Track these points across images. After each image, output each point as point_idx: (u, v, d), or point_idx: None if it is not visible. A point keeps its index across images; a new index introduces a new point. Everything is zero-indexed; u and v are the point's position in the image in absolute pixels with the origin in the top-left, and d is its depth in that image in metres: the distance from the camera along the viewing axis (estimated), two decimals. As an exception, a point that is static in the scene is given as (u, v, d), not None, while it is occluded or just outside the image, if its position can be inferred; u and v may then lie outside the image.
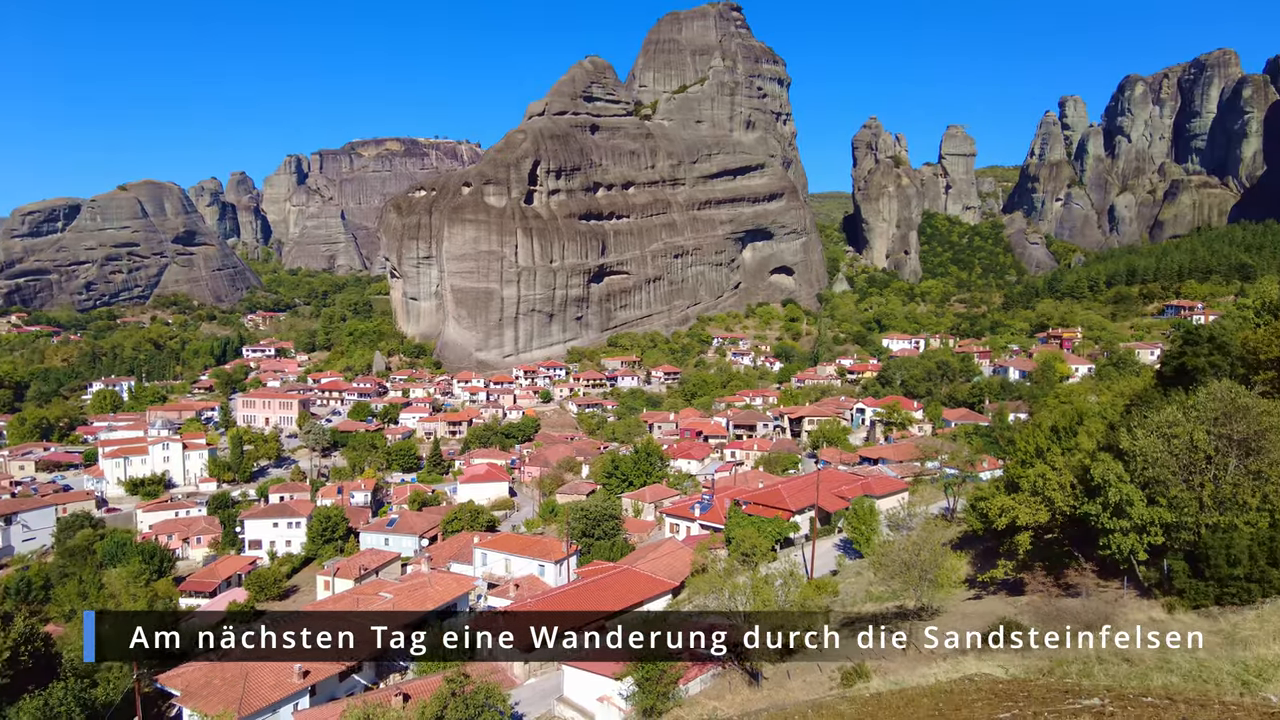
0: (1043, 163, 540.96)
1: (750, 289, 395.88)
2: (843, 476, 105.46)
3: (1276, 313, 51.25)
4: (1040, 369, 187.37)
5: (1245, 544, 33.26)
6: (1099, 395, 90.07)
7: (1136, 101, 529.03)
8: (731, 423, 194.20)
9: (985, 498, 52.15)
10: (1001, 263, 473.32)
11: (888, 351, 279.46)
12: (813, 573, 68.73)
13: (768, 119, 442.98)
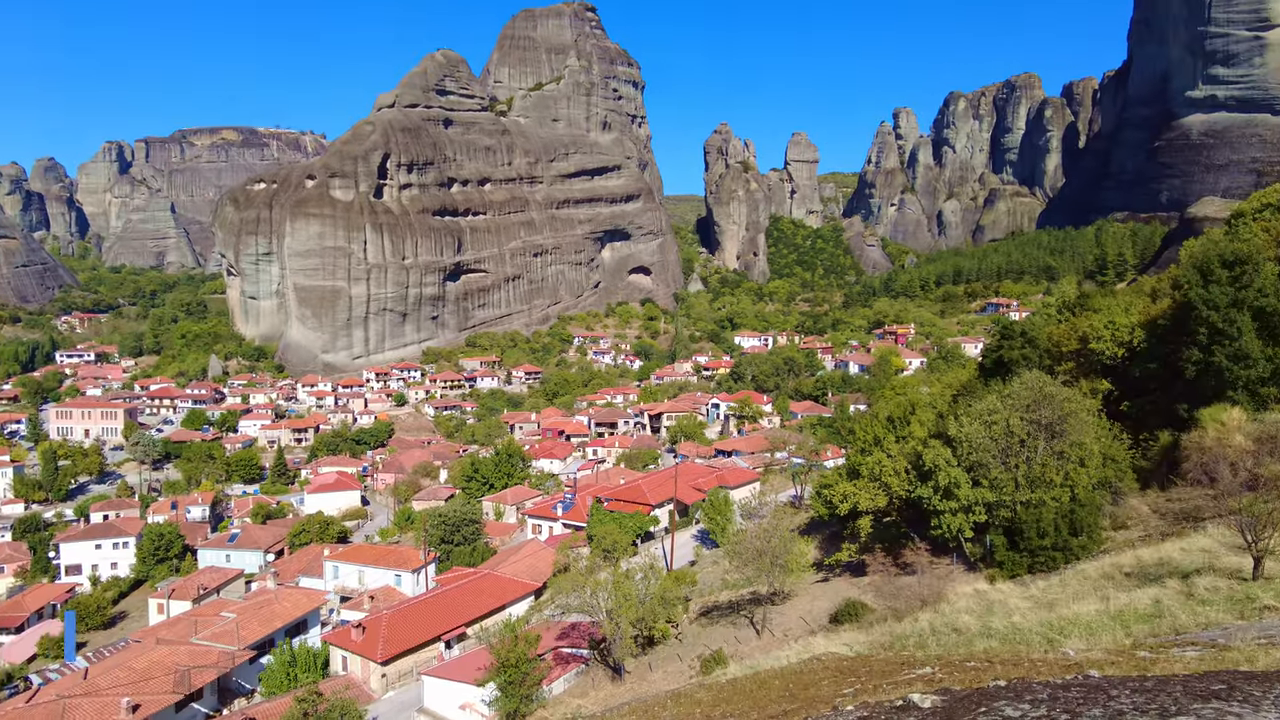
0: (879, 170, 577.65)
1: (610, 288, 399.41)
2: (700, 469, 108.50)
3: (1074, 310, 57.46)
4: (877, 363, 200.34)
5: (1051, 517, 37.06)
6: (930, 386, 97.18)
7: (960, 116, 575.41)
8: (593, 421, 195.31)
9: (829, 485, 55.15)
10: (842, 264, 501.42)
11: (740, 349, 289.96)
12: (672, 564, 70.33)
13: (623, 121, 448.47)
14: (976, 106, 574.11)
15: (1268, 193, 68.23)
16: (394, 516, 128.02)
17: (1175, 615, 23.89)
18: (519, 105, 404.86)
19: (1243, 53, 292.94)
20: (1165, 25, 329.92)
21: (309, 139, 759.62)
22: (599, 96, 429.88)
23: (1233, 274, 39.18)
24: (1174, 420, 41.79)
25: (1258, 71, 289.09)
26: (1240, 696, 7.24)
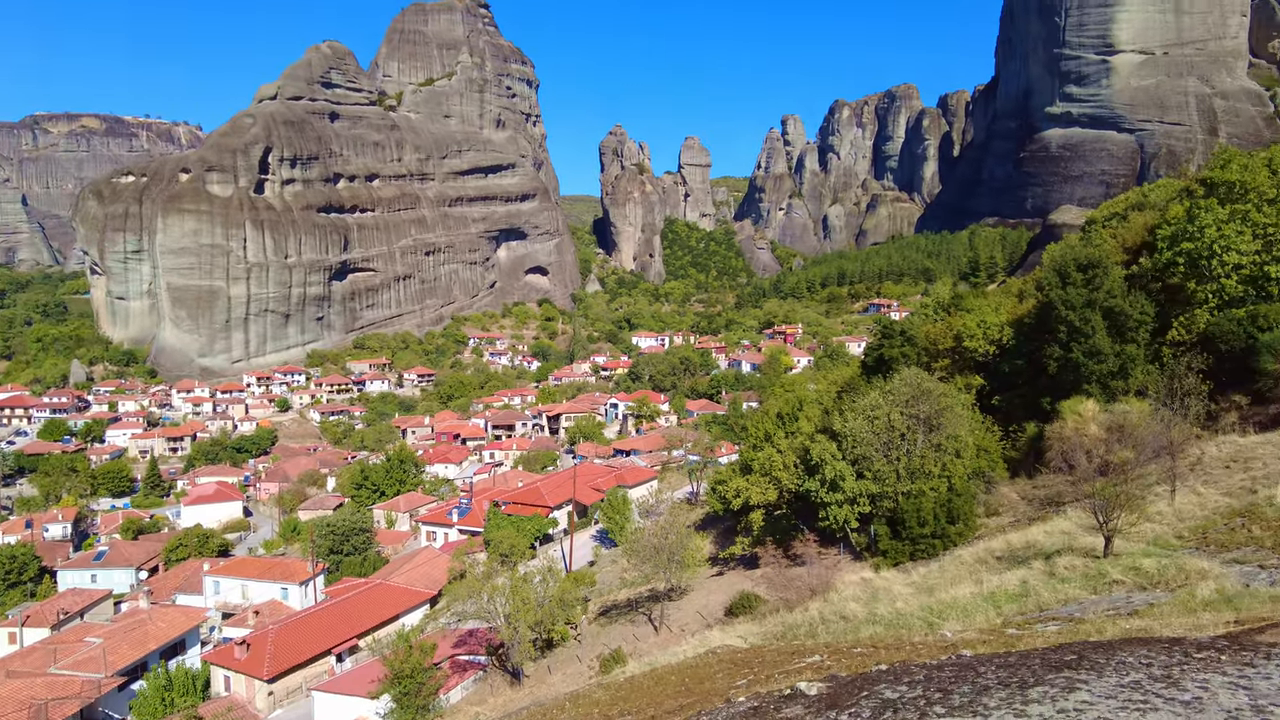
0: (768, 175, 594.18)
1: (506, 288, 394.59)
2: (598, 469, 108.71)
3: (949, 310, 60.95)
4: (768, 362, 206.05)
5: (930, 506, 39.19)
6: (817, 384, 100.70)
7: (844, 124, 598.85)
8: (490, 424, 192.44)
9: (723, 481, 56.47)
10: (734, 266, 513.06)
11: (637, 349, 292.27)
12: (571, 566, 70.20)
13: (518, 119, 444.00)
14: (860, 115, 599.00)
15: (1115, 203, 74.41)
16: (279, 527, 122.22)
17: (1040, 594, 25.60)
18: (409, 100, 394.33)
19: (1092, 74, 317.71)
20: (1026, 45, 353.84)
21: (183, 130, 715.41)
22: (492, 94, 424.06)
23: (1086, 277, 42.46)
24: (1039, 412, 44.90)
25: (1105, 92, 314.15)
26: (1088, 665, 7.92)
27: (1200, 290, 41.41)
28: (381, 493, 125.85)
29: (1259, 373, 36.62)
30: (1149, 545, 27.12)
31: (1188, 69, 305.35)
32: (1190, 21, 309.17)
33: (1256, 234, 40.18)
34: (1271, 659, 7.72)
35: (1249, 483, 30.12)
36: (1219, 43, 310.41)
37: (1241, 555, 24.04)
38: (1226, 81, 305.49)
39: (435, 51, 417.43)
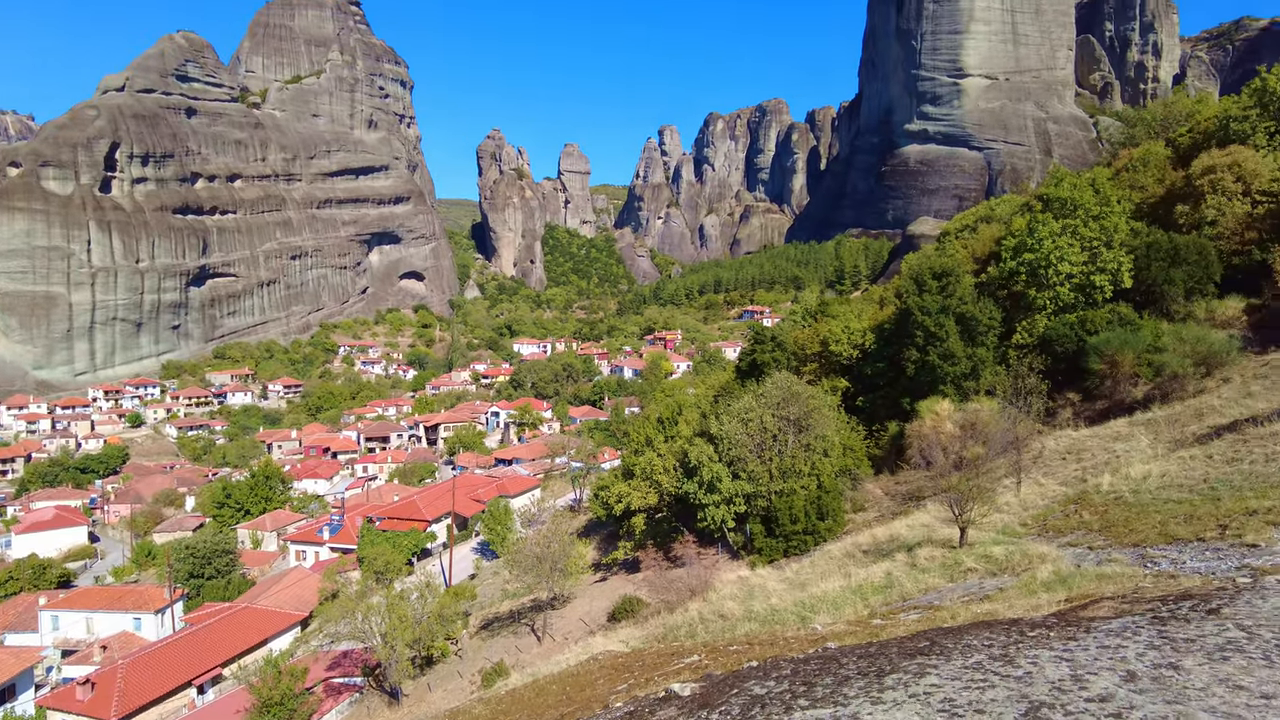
0: (646, 184, 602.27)
1: (379, 294, 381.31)
2: (479, 480, 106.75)
3: (817, 317, 63.71)
4: (649, 367, 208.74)
5: (802, 504, 40.80)
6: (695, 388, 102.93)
7: (718, 136, 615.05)
8: (363, 436, 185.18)
9: (606, 486, 56.73)
10: (615, 273, 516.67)
11: (518, 356, 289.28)
12: (451, 580, 68.59)
13: (391, 120, 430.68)
14: (733, 128, 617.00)
15: (966, 215, 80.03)
16: (131, 552, 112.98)
17: (903, 584, 27.07)
18: (275, 98, 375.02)
19: (945, 95, 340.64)
20: (887, 66, 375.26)
21: (10, 119, 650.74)
22: (364, 93, 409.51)
23: (941, 285, 45.42)
24: (899, 412, 47.59)
25: (957, 112, 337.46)
26: (938, 650, 8.49)
27: (1039, 297, 45.11)
28: (246, 511, 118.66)
29: (1088, 372, 40.22)
30: (998, 534, 29.18)
31: (1025, 95, 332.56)
32: (1026, 51, 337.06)
33: (1084, 246, 44.22)
34: (1091, 632, 8.53)
35: (1081, 473, 33.01)
36: (1050, 72, 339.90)
37: (1075, 539, 26.24)
38: (1058, 107, 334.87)
39: (303, 48, 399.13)
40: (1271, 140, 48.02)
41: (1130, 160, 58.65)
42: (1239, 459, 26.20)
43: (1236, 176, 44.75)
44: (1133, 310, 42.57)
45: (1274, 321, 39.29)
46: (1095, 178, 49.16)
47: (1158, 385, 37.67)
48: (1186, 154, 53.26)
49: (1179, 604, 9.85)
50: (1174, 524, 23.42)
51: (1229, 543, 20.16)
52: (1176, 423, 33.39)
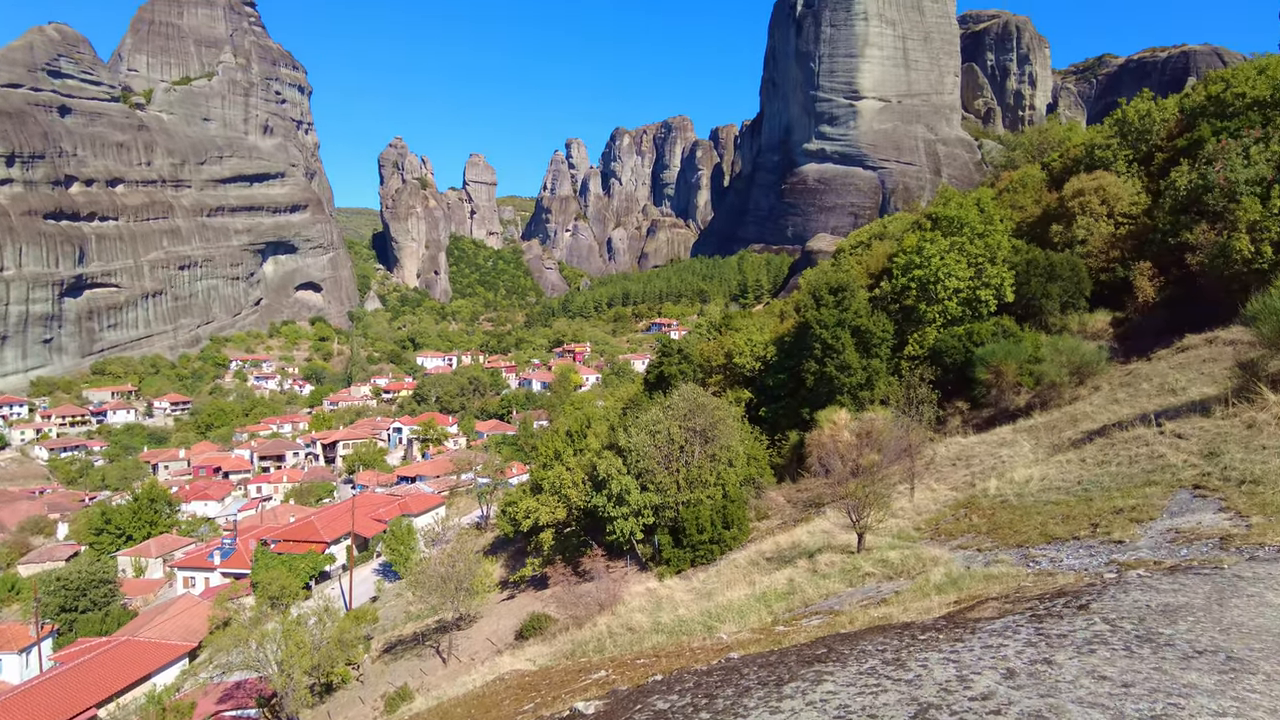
0: (554, 196, 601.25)
1: (274, 306, 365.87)
2: (381, 499, 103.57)
3: (721, 329, 64.98)
4: (558, 380, 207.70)
5: (708, 514, 41.35)
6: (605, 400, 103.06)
7: (624, 150, 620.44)
8: (257, 454, 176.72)
9: (514, 502, 55.99)
10: (523, 285, 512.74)
11: (422, 369, 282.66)
12: (351, 603, 66.15)
13: (288, 126, 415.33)
14: (639, 143, 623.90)
15: (860, 232, 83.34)
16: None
17: (805, 590, 27.74)
18: (161, 99, 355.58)
19: (842, 116, 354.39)
20: (787, 87, 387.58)
21: None
22: (259, 98, 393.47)
23: (837, 299, 47.08)
24: (800, 422, 48.93)
25: (853, 133, 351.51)
26: (835, 657, 8.75)
27: (929, 311, 47.34)
28: (128, 537, 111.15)
29: (975, 382, 42.41)
30: (894, 538, 30.29)
31: (916, 117, 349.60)
32: (916, 76, 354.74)
33: (970, 263, 46.74)
34: (976, 633, 8.97)
35: (970, 478, 34.70)
36: (939, 96, 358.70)
37: (965, 541, 27.51)
38: (946, 130, 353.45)
39: (192, 48, 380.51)
40: (1130, 167, 52.07)
41: (1010, 182, 62.46)
42: (1108, 461, 28.10)
43: (1101, 199, 48.30)
44: (1015, 323, 45.21)
45: (1136, 333, 42.48)
46: (980, 198, 52.09)
47: (1038, 393, 40.04)
48: (1059, 177, 57.15)
49: (1054, 601, 10.48)
50: (1053, 524, 24.85)
51: (1100, 540, 21.56)
52: (1054, 429, 35.56)
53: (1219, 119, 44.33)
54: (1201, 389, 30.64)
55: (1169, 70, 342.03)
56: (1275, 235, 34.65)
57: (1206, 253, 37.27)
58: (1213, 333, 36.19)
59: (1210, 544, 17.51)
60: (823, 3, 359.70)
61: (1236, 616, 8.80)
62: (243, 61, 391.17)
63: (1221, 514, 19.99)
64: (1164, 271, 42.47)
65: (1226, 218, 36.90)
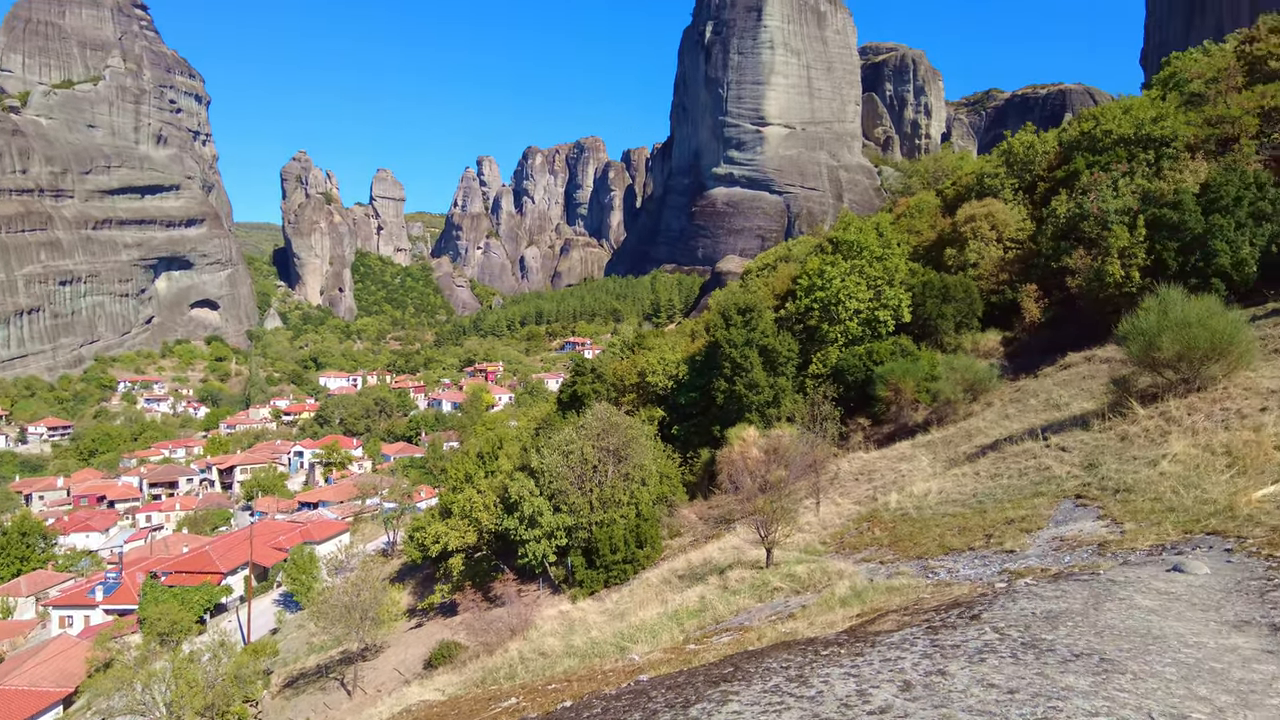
0: (465, 213, 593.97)
1: (167, 324, 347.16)
2: (281, 526, 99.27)
3: (634, 349, 65.35)
4: (469, 400, 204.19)
5: (621, 534, 41.31)
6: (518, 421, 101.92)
7: (537, 169, 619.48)
8: (146, 481, 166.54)
9: (422, 527, 54.62)
10: (432, 303, 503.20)
11: (325, 390, 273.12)
12: (250, 636, 62.93)
13: (184, 136, 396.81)
14: (552, 162, 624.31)
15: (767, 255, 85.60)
16: None
17: (716, 607, 27.98)
18: (39, 103, 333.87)
19: (749, 141, 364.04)
20: (696, 112, 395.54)
21: None
22: (152, 106, 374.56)
23: (745, 319, 48.11)
24: (711, 439, 49.58)
25: (759, 158, 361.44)
26: (741, 675, 8.87)
27: (831, 330, 48.93)
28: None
29: (875, 399, 43.99)
30: (801, 553, 30.95)
31: (819, 144, 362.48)
32: (819, 104, 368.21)
33: (870, 285, 48.62)
34: (876, 646, 9.26)
35: (872, 492, 35.86)
36: (841, 124, 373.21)
37: (868, 554, 28.37)
38: (847, 157, 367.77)
39: (76, 50, 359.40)
40: (1016, 195, 55.39)
41: (907, 208, 65.39)
42: (1000, 474, 29.55)
43: (991, 225, 51.15)
44: (912, 342, 47.18)
45: (1024, 351, 44.99)
46: (878, 222, 54.34)
47: (934, 410, 41.80)
48: (952, 204, 60.21)
49: (949, 612, 10.93)
50: (950, 536, 25.89)
51: (993, 550, 22.59)
52: (950, 443, 37.18)
53: (1092, 153, 47.69)
54: (1082, 404, 32.66)
55: (1048, 106, 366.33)
56: (1142, 261, 37.43)
57: (1084, 276, 39.90)
58: (1091, 351, 38.69)
59: (1090, 550, 18.63)
60: (730, 30, 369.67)
61: (1109, 619, 9.39)
62: (133, 67, 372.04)
63: (1100, 521, 21.29)
64: (1048, 293, 45.19)
65: (1100, 244, 39.65)
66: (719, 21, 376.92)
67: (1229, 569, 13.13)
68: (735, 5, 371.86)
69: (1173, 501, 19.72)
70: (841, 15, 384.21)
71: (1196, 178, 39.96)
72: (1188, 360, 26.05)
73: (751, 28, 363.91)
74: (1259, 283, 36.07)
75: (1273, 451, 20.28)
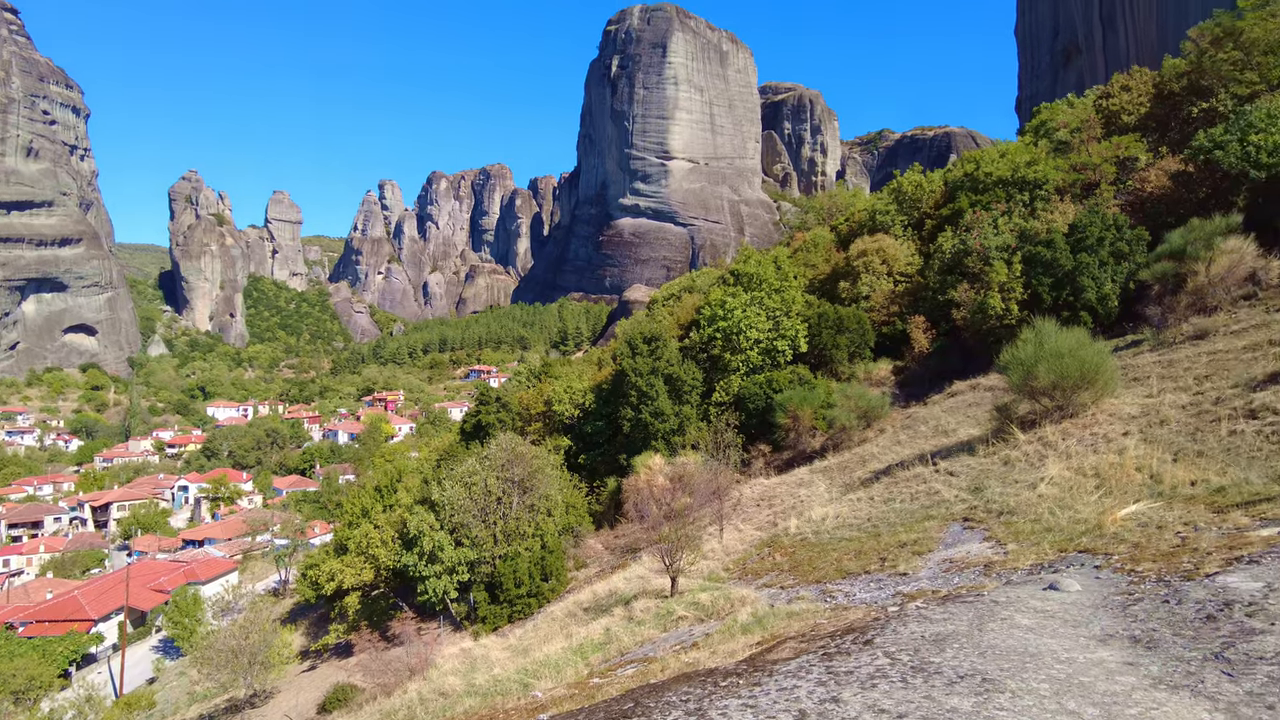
0: (366, 238, 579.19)
1: (35, 350, 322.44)
2: (163, 566, 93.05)
3: (540, 377, 64.94)
4: (368, 431, 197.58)
5: (526, 567, 40.61)
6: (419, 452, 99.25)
7: (442, 194, 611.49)
8: (5, 522, 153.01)
9: (315, 564, 52.28)
10: (329, 330, 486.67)
11: (214, 421, 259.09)
12: (122, 688, 58.38)
13: (59, 150, 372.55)
14: (457, 188, 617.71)
15: (672, 285, 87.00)
16: None
17: (621, 639, 27.76)
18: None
19: (654, 174, 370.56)
20: (603, 143, 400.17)
21: None
22: (23, 116, 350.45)
23: (651, 348, 48.60)
24: (618, 468, 49.59)
25: (664, 190, 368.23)
26: (641, 711, 8.83)
27: (733, 360, 49.97)
28: None
29: (775, 426, 45.05)
30: (706, 580, 31.13)
31: (722, 179, 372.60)
32: (722, 140, 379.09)
33: (769, 316, 50.02)
34: (773, 675, 9.40)
35: (773, 517, 36.54)
36: (742, 160, 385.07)
37: (770, 580, 28.80)
38: (748, 192, 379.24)
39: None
40: (906, 231, 58.31)
41: (804, 242, 67.79)
42: (893, 498, 30.65)
43: (882, 259, 53.58)
44: (809, 371, 48.67)
45: (913, 380, 47.08)
46: (777, 256, 56.09)
47: (831, 436, 43.11)
48: (846, 239, 62.83)
49: (844, 638, 11.21)
50: (847, 559, 26.59)
51: (888, 573, 23.33)
52: (846, 469, 38.36)
53: (974, 193, 50.78)
54: (968, 430, 34.34)
55: (935, 147, 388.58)
56: (1020, 295, 39.92)
57: (968, 309, 42.21)
58: (976, 379, 40.82)
59: (977, 571, 19.49)
60: (636, 65, 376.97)
61: (992, 640, 9.84)
62: (1, 74, 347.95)
63: (985, 543, 22.33)
64: (935, 325, 47.54)
65: (982, 279, 42.10)
66: (625, 56, 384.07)
67: (1097, 585, 14.00)
68: (641, 41, 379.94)
69: (1050, 522, 20.90)
70: (743, 55, 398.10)
71: (1066, 218, 43.07)
72: (1061, 388, 27.80)
73: (657, 64, 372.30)
74: (1120, 316, 39.01)
75: (1134, 473, 21.82)
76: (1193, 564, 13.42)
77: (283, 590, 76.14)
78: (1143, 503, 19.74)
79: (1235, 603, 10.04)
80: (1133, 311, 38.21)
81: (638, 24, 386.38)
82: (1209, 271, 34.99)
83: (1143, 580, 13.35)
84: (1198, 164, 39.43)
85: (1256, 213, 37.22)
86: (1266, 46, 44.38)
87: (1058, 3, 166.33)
